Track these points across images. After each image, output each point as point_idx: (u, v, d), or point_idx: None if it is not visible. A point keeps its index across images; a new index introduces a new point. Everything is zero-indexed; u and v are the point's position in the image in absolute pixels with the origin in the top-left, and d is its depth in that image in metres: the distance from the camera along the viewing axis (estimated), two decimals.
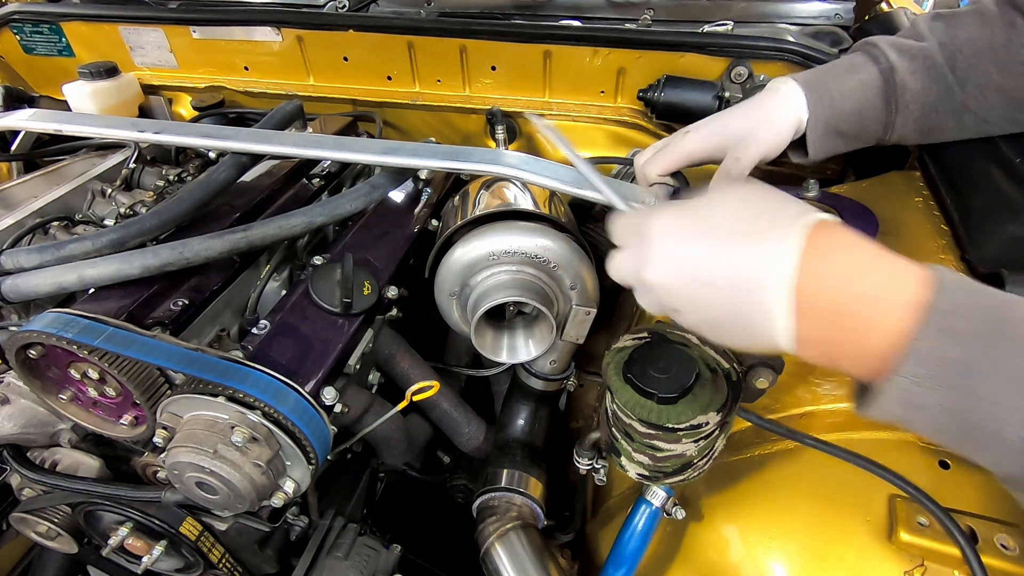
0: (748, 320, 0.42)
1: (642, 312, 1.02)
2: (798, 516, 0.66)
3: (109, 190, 1.12)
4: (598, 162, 1.13)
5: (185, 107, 1.53)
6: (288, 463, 0.72)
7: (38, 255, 0.81)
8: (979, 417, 0.35)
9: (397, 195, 1.12)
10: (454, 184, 1.20)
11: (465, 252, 0.88)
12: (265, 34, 1.37)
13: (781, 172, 1.21)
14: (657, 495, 0.75)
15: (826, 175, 1.20)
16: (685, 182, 0.87)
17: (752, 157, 0.75)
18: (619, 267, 0.54)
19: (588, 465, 0.85)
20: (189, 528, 0.86)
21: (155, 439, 0.71)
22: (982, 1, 0.75)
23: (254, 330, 0.80)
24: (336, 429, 0.76)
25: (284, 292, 0.95)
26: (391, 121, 1.42)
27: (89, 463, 0.89)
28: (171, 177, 1.17)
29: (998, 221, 0.71)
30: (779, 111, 0.76)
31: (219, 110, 1.42)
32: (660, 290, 0.48)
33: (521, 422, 1.09)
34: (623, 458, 0.68)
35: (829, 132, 0.77)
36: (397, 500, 1.26)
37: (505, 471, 1.00)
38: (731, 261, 0.42)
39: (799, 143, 0.80)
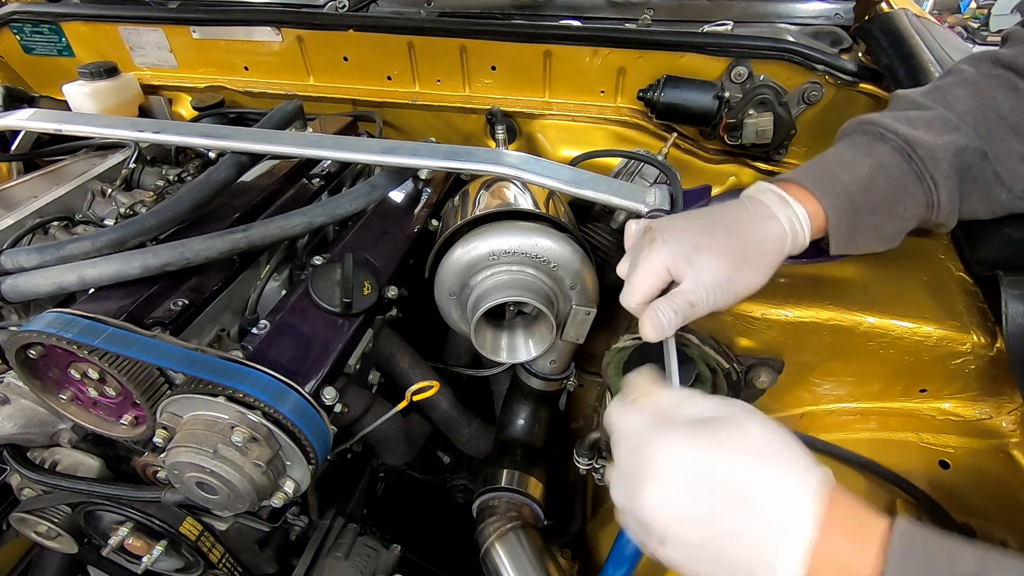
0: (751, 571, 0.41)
1: None
2: None
3: (109, 190, 1.12)
4: (600, 155, 1.13)
5: (185, 107, 1.53)
6: (288, 463, 0.72)
7: (38, 255, 0.81)
8: None
9: (397, 195, 1.12)
10: (454, 184, 1.20)
11: (465, 252, 0.88)
12: (265, 34, 1.37)
13: (779, 172, 1.21)
14: None
15: None
16: (678, 183, 0.87)
17: (706, 300, 0.58)
18: (617, 462, 0.49)
19: (588, 465, 0.85)
20: (189, 528, 0.86)
21: (155, 439, 0.71)
22: (964, 71, 0.66)
23: (254, 330, 0.80)
24: (336, 429, 0.76)
25: (284, 292, 0.95)
26: (391, 121, 1.42)
27: (89, 463, 0.89)
28: (171, 177, 1.17)
29: (995, 223, 0.71)
30: (756, 232, 0.60)
31: (219, 110, 1.42)
32: (652, 516, 0.44)
33: (521, 422, 1.09)
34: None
35: (857, 232, 0.62)
36: (397, 500, 1.26)
37: (505, 471, 1.00)
38: (743, 509, 0.41)
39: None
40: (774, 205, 0.61)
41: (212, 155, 1.15)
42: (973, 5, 6.05)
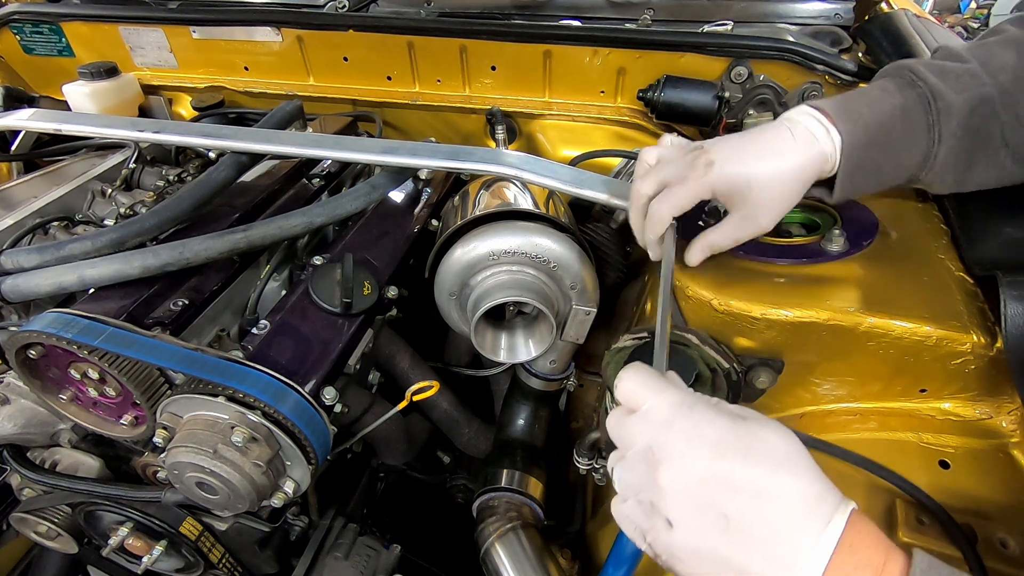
0: None
1: (642, 312, 1.02)
2: None
3: (109, 190, 1.12)
4: (600, 155, 1.13)
5: (185, 107, 1.53)
6: (288, 463, 0.72)
7: (38, 255, 0.81)
8: None
9: (397, 195, 1.12)
10: (454, 184, 1.20)
11: (465, 252, 0.88)
12: (265, 34, 1.37)
13: None
14: None
15: None
16: None
17: (762, 228, 0.66)
18: (628, 431, 0.48)
19: (588, 465, 0.85)
20: (189, 528, 0.86)
21: (155, 439, 0.71)
22: (1008, 30, 0.67)
23: (254, 330, 0.80)
24: (336, 429, 0.76)
25: (284, 292, 0.95)
26: (391, 121, 1.42)
27: (89, 463, 0.89)
28: (171, 177, 1.17)
29: (995, 223, 0.71)
30: (800, 160, 0.63)
31: (219, 110, 1.42)
32: (669, 495, 0.43)
33: (521, 422, 1.09)
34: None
35: (862, 169, 0.64)
36: (397, 500, 1.26)
37: (505, 471, 1.00)
38: (766, 513, 0.40)
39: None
40: (815, 130, 0.63)
41: (212, 155, 1.15)
42: (973, 5, 6.05)
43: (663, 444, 0.44)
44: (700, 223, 0.79)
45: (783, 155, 0.63)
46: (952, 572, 0.37)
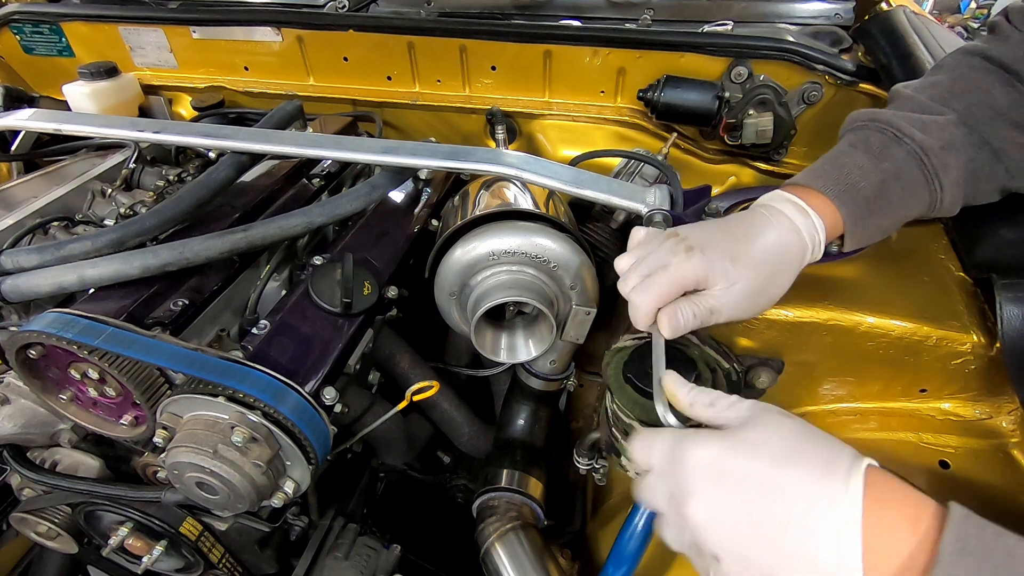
0: (809, 562, 0.41)
1: None
2: None
3: (109, 190, 1.12)
4: (600, 155, 1.13)
5: (185, 107, 1.53)
6: (288, 463, 0.72)
7: (38, 255, 0.81)
8: None
9: (397, 195, 1.12)
10: (454, 184, 1.20)
11: (465, 252, 0.88)
12: (265, 34, 1.37)
13: (779, 172, 1.21)
14: None
15: None
16: (678, 183, 0.87)
17: (727, 319, 0.62)
18: (652, 492, 0.49)
19: (588, 465, 0.85)
20: (189, 528, 0.86)
21: (155, 439, 0.71)
22: (957, 68, 0.68)
23: (254, 330, 0.80)
24: (336, 429, 0.76)
25: (284, 292, 0.95)
26: (391, 121, 1.42)
27: (89, 463, 0.89)
28: (171, 177, 1.17)
29: (991, 225, 0.71)
30: (792, 263, 0.61)
31: (219, 110, 1.42)
32: (703, 531, 0.44)
33: (521, 422, 1.09)
34: (623, 458, 0.68)
35: (866, 232, 0.63)
36: (397, 500, 1.26)
37: (505, 471, 1.00)
38: (786, 502, 0.42)
39: None
40: (795, 218, 0.61)
41: (212, 155, 1.15)
42: (973, 5, 6.05)
43: (680, 468, 0.47)
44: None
45: (763, 241, 0.60)
46: (987, 525, 0.38)
